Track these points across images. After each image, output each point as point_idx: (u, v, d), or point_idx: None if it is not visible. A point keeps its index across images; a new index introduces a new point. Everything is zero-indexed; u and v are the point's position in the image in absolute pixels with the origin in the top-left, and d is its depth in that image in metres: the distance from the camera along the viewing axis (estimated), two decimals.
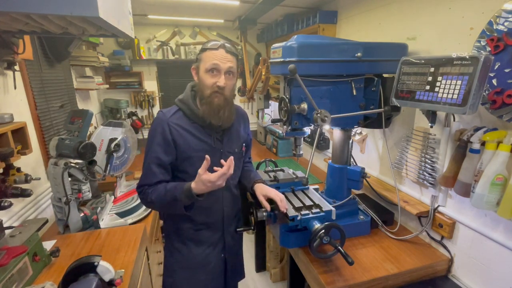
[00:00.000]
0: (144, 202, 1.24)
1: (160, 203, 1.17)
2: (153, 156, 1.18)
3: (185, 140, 1.20)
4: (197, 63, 1.20)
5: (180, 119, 1.22)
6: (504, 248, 1.13)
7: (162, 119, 1.20)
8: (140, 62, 3.32)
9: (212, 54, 1.14)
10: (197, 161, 1.16)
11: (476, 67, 0.97)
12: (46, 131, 1.82)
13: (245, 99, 3.86)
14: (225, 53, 1.15)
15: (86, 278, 0.89)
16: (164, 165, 1.19)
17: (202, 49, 1.19)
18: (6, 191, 1.22)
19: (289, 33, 2.61)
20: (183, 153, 1.20)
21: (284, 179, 1.54)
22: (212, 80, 1.15)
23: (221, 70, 1.15)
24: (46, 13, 0.74)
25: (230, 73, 1.17)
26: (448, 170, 1.26)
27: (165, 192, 1.15)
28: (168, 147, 1.19)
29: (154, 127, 1.21)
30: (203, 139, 1.22)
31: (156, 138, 1.19)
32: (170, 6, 2.46)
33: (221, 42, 1.17)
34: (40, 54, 1.89)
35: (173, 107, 1.26)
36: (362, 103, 1.44)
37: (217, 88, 1.15)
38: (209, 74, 1.15)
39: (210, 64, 1.14)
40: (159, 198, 1.16)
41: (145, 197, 1.20)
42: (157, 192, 1.17)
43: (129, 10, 1.16)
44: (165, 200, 1.14)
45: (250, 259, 2.73)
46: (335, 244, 1.19)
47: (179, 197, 1.11)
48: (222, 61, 1.14)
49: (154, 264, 1.78)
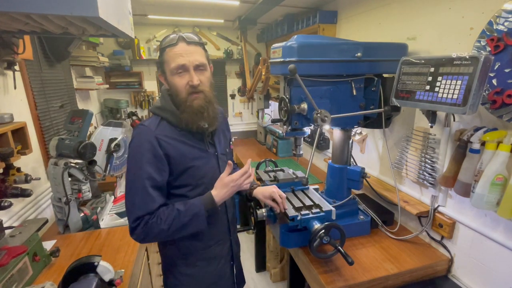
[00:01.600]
0: (149, 236, 0.99)
1: (175, 229, 0.99)
2: (145, 178, 0.99)
3: (179, 151, 1.05)
4: (161, 67, 1.06)
5: (166, 130, 1.06)
6: (504, 248, 1.13)
7: (147, 133, 1.02)
8: (140, 62, 3.32)
9: (173, 51, 1.00)
10: (197, 170, 1.08)
11: (476, 67, 0.97)
12: (46, 131, 1.82)
13: (245, 99, 3.86)
14: (186, 46, 1.01)
15: (86, 278, 0.89)
16: (159, 186, 1.02)
17: (161, 49, 1.04)
18: (6, 191, 1.22)
19: (289, 33, 2.61)
20: (180, 165, 1.05)
21: (284, 179, 1.54)
22: (183, 81, 1.01)
23: (189, 66, 1.00)
24: (46, 13, 0.74)
25: (200, 67, 1.03)
26: (448, 170, 1.26)
27: (178, 214, 0.99)
28: (161, 165, 1.02)
29: (139, 143, 1.02)
30: (196, 146, 1.10)
31: (144, 156, 1.00)
32: (170, 6, 2.46)
33: (179, 35, 1.02)
34: (40, 54, 1.89)
35: (153, 118, 1.09)
36: (362, 103, 1.44)
37: (191, 88, 1.02)
38: (177, 75, 1.01)
39: (174, 63, 1.00)
40: (173, 224, 0.99)
41: (151, 230, 0.98)
42: (168, 219, 0.99)
43: (129, 10, 1.16)
44: (181, 223, 0.99)
45: (250, 259, 2.73)
46: (335, 244, 1.18)
47: (200, 213, 1.00)
48: (187, 57, 1.00)
49: (154, 264, 1.78)
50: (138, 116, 3.17)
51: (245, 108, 3.95)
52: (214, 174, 1.14)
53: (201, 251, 1.17)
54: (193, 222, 1.01)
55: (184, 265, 1.18)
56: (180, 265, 1.18)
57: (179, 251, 1.16)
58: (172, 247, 1.17)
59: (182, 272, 1.18)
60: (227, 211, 1.23)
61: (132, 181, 1.01)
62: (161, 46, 1.04)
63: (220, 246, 1.22)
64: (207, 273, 1.20)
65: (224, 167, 1.19)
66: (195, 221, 1.01)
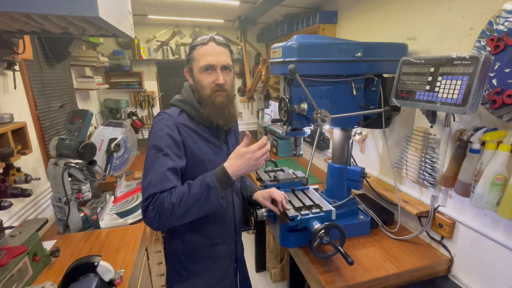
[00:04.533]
0: (162, 216, 0.94)
1: (185, 203, 0.93)
2: (166, 159, 1.00)
3: (196, 143, 1.09)
4: (189, 64, 1.12)
5: (186, 121, 1.11)
6: (504, 248, 1.13)
7: (169, 119, 1.07)
8: (140, 62, 3.32)
9: (203, 50, 1.06)
10: (210, 164, 1.09)
11: (476, 67, 0.97)
12: (46, 131, 1.82)
13: (245, 99, 3.86)
14: (216, 46, 1.07)
15: (86, 278, 0.89)
16: (176, 169, 1.02)
17: (191, 47, 1.10)
18: (6, 191, 1.22)
19: (289, 33, 2.61)
20: (195, 157, 1.08)
21: (284, 179, 1.53)
22: (209, 79, 1.07)
23: (217, 66, 1.06)
24: (46, 13, 0.74)
25: (226, 68, 1.09)
26: (448, 170, 1.26)
27: (188, 187, 0.96)
28: (179, 150, 1.05)
29: (159, 128, 1.05)
30: (212, 141, 1.14)
31: (164, 140, 1.02)
32: (170, 6, 2.46)
33: (210, 35, 1.08)
34: (40, 54, 1.89)
35: (174, 109, 1.14)
36: (362, 103, 1.44)
37: (216, 86, 1.08)
38: (205, 73, 1.07)
39: (204, 62, 1.05)
40: (183, 197, 0.93)
41: (162, 205, 0.94)
42: (178, 192, 0.95)
43: (129, 10, 1.16)
44: (193, 196, 0.93)
45: (250, 259, 2.73)
46: (335, 244, 1.18)
47: (212, 184, 0.93)
48: (216, 56, 1.06)
49: (154, 264, 1.78)
50: (138, 116, 3.17)
51: (245, 108, 3.95)
52: None
53: (207, 248, 1.18)
54: (204, 194, 0.94)
55: (189, 261, 1.18)
56: (185, 260, 1.18)
57: (184, 246, 1.17)
58: (178, 241, 1.17)
59: (187, 268, 1.19)
60: (235, 210, 1.24)
61: (150, 163, 1.01)
62: (192, 44, 1.10)
63: (226, 245, 1.23)
64: (211, 272, 1.21)
65: None
66: (207, 194, 0.94)
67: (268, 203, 1.27)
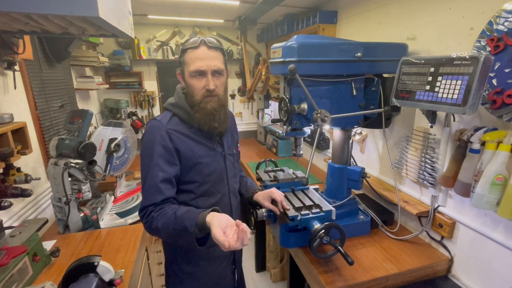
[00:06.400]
0: (148, 229, 1.04)
1: (167, 232, 0.98)
2: (157, 170, 1.03)
3: (188, 147, 1.10)
4: (181, 66, 1.10)
5: (178, 125, 1.11)
6: (504, 248, 1.13)
7: (159, 127, 1.07)
8: (140, 62, 3.32)
9: (194, 54, 1.04)
10: (204, 166, 1.11)
11: (476, 67, 0.97)
12: (46, 131, 1.82)
13: (245, 99, 3.86)
14: (207, 50, 1.04)
15: (86, 278, 0.89)
16: (169, 179, 1.05)
17: (182, 50, 1.08)
18: (6, 191, 1.22)
19: (289, 33, 2.61)
20: (188, 161, 1.09)
21: (284, 179, 1.53)
22: (200, 84, 1.06)
23: (207, 71, 1.05)
24: (46, 13, 0.74)
25: (217, 73, 1.07)
26: (448, 170, 1.26)
27: (174, 218, 0.97)
28: (172, 157, 1.06)
29: (151, 137, 1.06)
30: (205, 144, 1.14)
31: (156, 149, 1.04)
32: (170, 6, 2.46)
33: (201, 39, 1.05)
34: (40, 54, 1.89)
35: (165, 113, 1.14)
36: (362, 103, 1.44)
37: (207, 92, 1.07)
38: (195, 78, 1.06)
39: (194, 67, 1.04)
40: (166, 226, 0.97)
41: (150, 223, 1.00)
42: (165, 219, 0.98)
43: (129, 10, 1.16)
44: (173, 230, 0.96)
45: (250, 259, 2.73)
46: (335, 244, 1.18)
47: (190, 229, 0.92)
48: (206, 61, 1.04)
49: (154, 264, 1.78)
50: (138, 116, 3.17)
51: (245, 108, 3.95)
52: (221, 172, 1.16)
53: (204, 250, 1.13)
54: (180, 235, 0.95)
55: (186, 263, 1.18)
56: (182, 262, 1.19)
57: (181, 247, 1.17)
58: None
59: (184, 269, 1.19)
60: (233, 211, 1.24)
61: (144, 173, 1.06)
62: (183, 47, 1.08)
63: None
64: (208, 273, 1.21)
65: (230, 167, 1.22)
66: (183, 236, 0.95)
67: (268, 203, 1.27)
